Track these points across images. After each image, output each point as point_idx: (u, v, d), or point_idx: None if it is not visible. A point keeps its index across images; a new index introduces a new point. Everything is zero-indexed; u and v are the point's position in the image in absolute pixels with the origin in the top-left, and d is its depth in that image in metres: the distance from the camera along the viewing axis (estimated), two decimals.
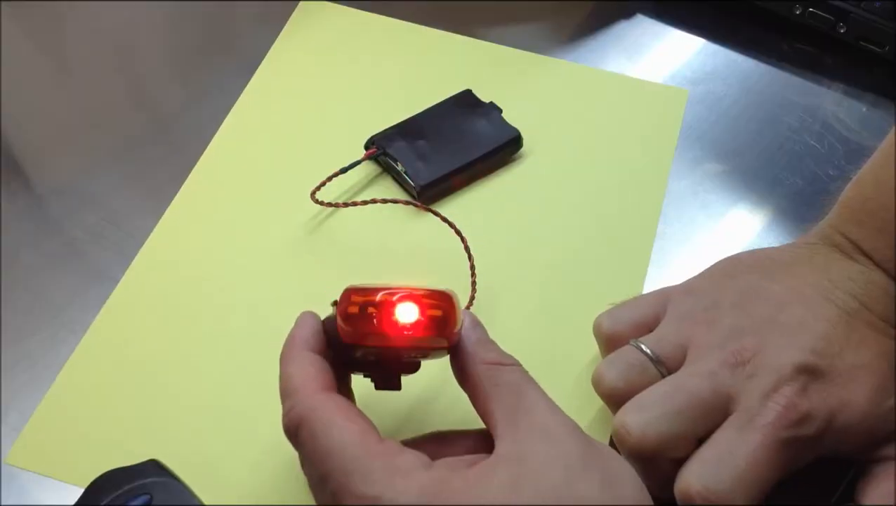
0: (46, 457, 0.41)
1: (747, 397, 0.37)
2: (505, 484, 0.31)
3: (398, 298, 0.33)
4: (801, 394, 0.36)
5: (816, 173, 0.52)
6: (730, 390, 0.37)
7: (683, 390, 0.37)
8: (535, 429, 0.32)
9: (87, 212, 0.50)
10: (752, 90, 0.56)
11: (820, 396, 0.37)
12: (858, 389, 0.37)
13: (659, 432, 0.36)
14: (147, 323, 0.45)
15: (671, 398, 0.37)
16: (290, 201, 0.49)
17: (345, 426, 0.32)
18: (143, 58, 0.58)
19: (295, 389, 0.34)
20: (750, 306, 0.40)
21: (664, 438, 0.36)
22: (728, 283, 0.41)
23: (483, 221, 0.49)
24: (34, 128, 0.54)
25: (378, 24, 0.59)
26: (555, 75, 0.56)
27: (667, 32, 0.59)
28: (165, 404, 0.42)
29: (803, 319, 0.39)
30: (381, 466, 0.31)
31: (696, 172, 0.52)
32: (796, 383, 0.37)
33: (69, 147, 0.53)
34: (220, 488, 0.40)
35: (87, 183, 0.51)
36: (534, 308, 0.46)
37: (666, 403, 0.37)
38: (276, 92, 0.55)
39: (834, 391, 0.37)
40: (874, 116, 0.55)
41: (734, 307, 0.40)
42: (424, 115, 0.52)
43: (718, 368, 0.37)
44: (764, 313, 0.39)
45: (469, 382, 0.35)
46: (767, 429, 0.36)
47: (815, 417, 0.36)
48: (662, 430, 0.36)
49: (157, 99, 0.56)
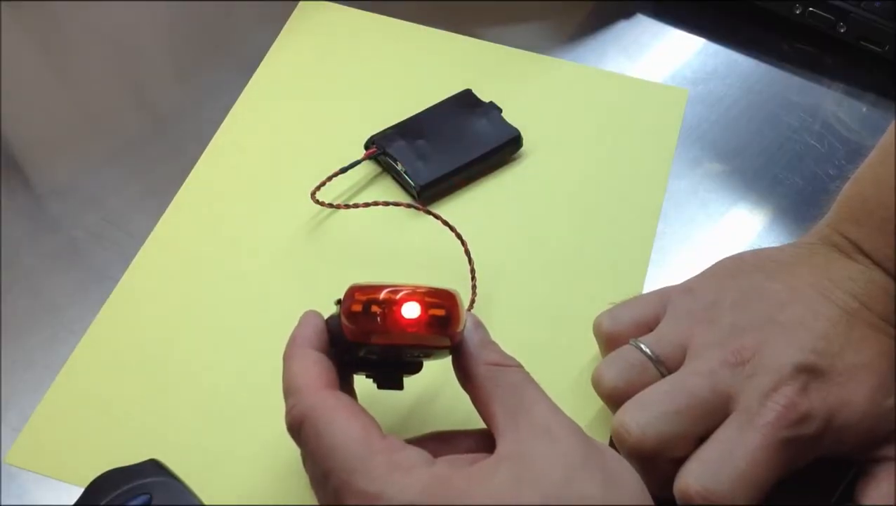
0: (46, 457, 0.41)
1: (747, 397, 0.37)
2: (506, 483, 0.31)
3: (402, 297, 0.33)
4: (801, 393, 0.36)
5: (816, 173, 0.52)
6: (729, 389, 0.37)
7: (683, 389, 0.37)
8: (536, 429, 0.32)
9: (87, 212, 0.50)
10: (752, 90, 0.56)
11: (820, 395, 0.37)
12: (858, 388, 0.37)
13: (658, 432, 0.36)
14: (147, 323, 0.45)
15: (670, 398, 0.37)
16: (290, 201, 0.49)
17: (347, 423, 0.32)
18: (142, 58, 0.58)
19: (298, 386, 0.34)
20: (750, 306, 0.39)
21: (663, 437, 0.36)
22: (728, 282, 0.41)
23: (483, 220, 0.49)
24: (34, 128, 0.54)
25: (377, 24, 0.59)
26: (555, 75, 0.56)
27: (667, 32, 0.59)
28: (165, 404, 0.42)
29: (803, 318, 0.39)
30: (384, 462, 0.31)
31: (696, 171, 0.52)
32: (796, 382, 0.37)
33: (69, 147, 0.53)
34: (220, 487, 0.40)
35: (87, 183, 0.51)
36: (533, 308, 0.46)
37: (665, 402, 0.37)
38: (275, 92, 0.55)
39: (834, 391, 0.37)
40: (874, 116, 0.55)
41: (734, 306, 0.40)
42: (424, 114, 0.52)
43: (718, 367, 0.37)
44: (764, 313, 0.39)
45: (471, 382, 0.35)
46: (767, 429, 0.36)
47: (815, 416, 0.36)
48: (661, 429, 0.36)
49: (156, 99, 0.56)
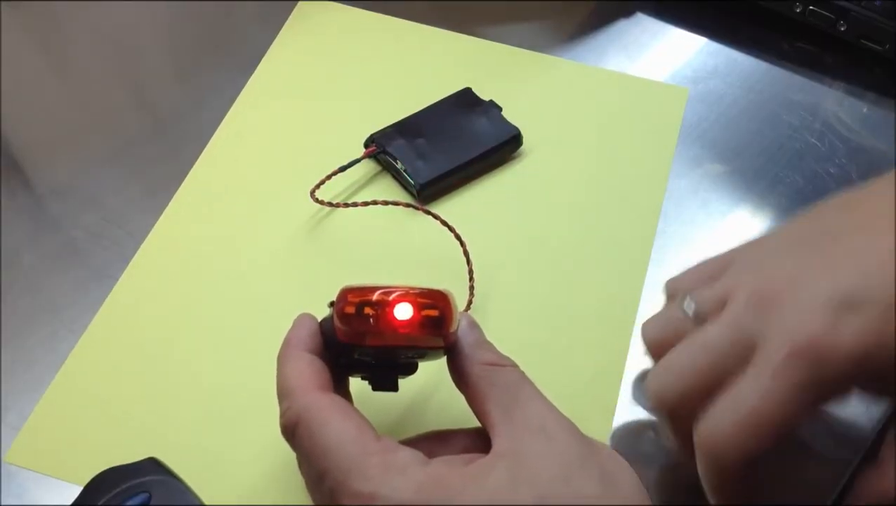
0: (45, 456, 0.41)
1: (768, 337, 0.34)
2: (502, 481, 0.31)
3: (395, 298, 0.33)
4: (829, 329, 0.33)
5: (817, 172, 0.52)
6: (752, 333, 0.34)
7: (703, 344, 0.35)
8: (532, 427, 0.32)
9: (87, 212, 0.50)
10: (752, 89, 0.56)
11: (852, 330, 0.33)
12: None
13: (674, 392, 0.35)
14: (146, 322, 0.45)
15: (688, 354, 0.36)
16: (290, 200, 0.49)
17: (341, 424, 0.32)
18: (142, 58, 0.58)
19: (291, 388, 0.34)
20: (804, 244, 0.37)
21: (683, 396, 0.35)
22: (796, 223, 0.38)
23: (482, 219, 0.49)
24: (34, 128, 0.54)
25: (377, 23, 0.59)
26: (555, 74, 0.56)
27: (667, 31, 0.59)
28: (164, 403, 0.42)
29: (857, 249, 0.35)
30: (379, 463, 0.31)
31: (697, 171, 0.52)
32: (825, 316, 0.33)
33: (69, 147, 0.53)
34: (219, 486, 0.40)
35: (86, 183, 0.51)
36: (532, 307, 0.46)
37: (683, 360, 0.36)
38: (275, 91, 0.55)
39: (874, 327, 0.33)
40: (875, 115, 0.55)
41: (788, 248, 0.37)
42: (424, 113, 0.52)
43: (743, 311, 0.35)
44: (814, 247, 0.36)
45: (466, 383, 0.35)
46: (781, 368, 0.33)
47: (843, 354, 0.33)
48: (677, 389, 0.35)
49: (156, 99, 0.56)
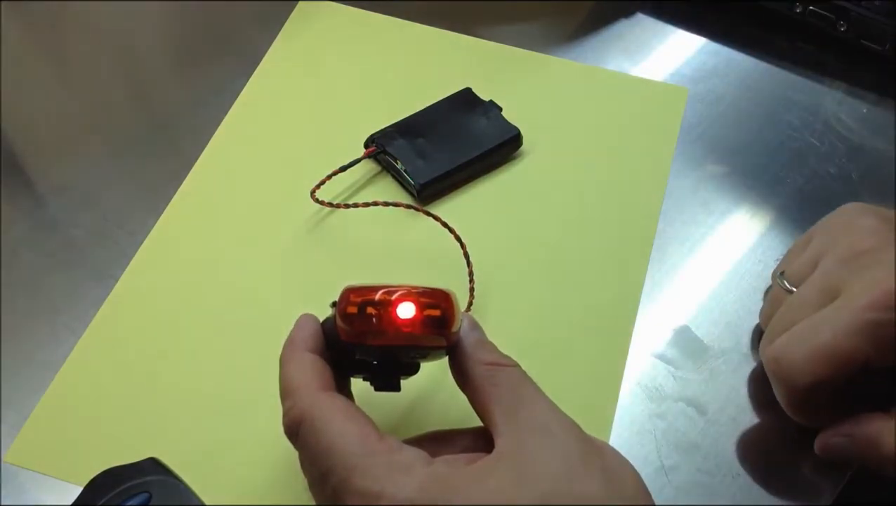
0: (45, 456, 0.41)
1: (852, 284, 0.37)
2: (505, 481, 0.30)
3: (397, 298, 0.33)
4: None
5: (817, 172, 0.52)
6: (839, 282, 0.37)
7: (794, 302, 0.38)
8: (534, 427, 0.32)
9: (87, 211, 0.50)
10: (752, 89, 0.56)
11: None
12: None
13: (775, 356, 0.37)
14: (146, 322, 0.45)
15: (786, 312, 0.38)
16: (290, 200, 0.49)
17: (345, 424, 0.32)
18: (142, 58, 0.58)
19: (294, 388, 0.34)
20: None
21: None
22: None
23: (482, 219, 0.49)
24: (34, 128, 0.54)
25: (377, 23, 0.59)
26: (555, 74, 0.56)
27: (667, 31, 0.59)
28: (164, 403, 0.42)
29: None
30: (382, 462, 0.31)
31: (697, 170, 0.52)
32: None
33: (69, 147, 0.53)
34: (219, 486, 0.40)
35: (86, 182, 0.51)
36: (532, 307, 0.46)
37: (784, 318, 0.38)
38: (275, 91, 0.55)
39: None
40: (875, 115, 0.55)
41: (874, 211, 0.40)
42: (424, 113, 0.52)
43: (832, 265, 0.38)
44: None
45: (468, 383, 0.35)
46: (858, 310, 0.36)
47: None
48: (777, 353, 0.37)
49: (156, 99, 0.56)
